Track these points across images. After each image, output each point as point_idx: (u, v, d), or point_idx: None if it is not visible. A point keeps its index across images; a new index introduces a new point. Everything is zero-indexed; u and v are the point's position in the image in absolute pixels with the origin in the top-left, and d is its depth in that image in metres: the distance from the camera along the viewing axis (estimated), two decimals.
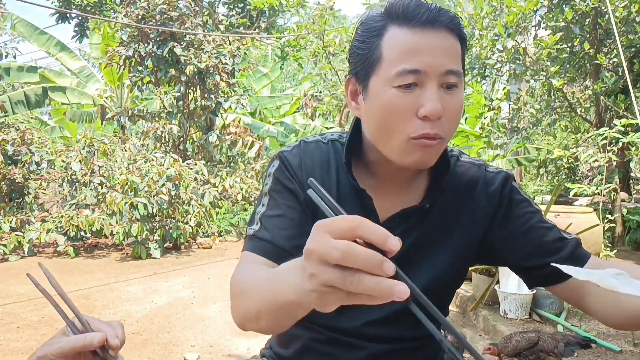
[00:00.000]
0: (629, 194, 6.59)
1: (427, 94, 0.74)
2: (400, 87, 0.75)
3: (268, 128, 11.12)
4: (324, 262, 0.43)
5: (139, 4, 8.19)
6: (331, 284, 0.44)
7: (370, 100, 0.79)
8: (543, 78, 5.78)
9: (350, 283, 0.43)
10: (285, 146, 0.95)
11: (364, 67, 0.80)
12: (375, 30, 0.78)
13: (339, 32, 9.28)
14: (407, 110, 0.75)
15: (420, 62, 0.74)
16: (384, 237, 0.44)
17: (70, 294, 4.27)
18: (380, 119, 0.78)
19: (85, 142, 6.58)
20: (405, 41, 0.75)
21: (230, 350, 3.04)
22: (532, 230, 0.88)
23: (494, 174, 0.92)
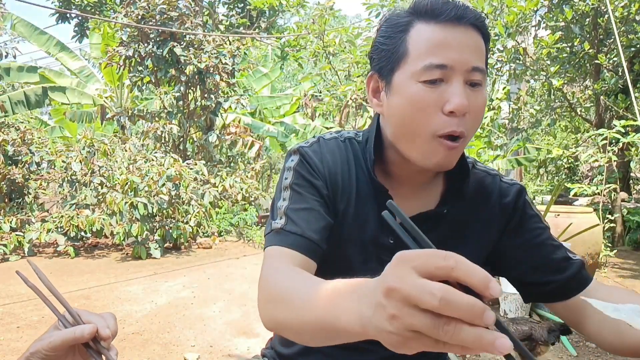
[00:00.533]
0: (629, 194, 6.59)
1: (453, 89, 0.74)
2: (426, 82, 0.75)
3: (268, 128, 11.13)
4: (412, 306, 0.38)
5: (139, 4, 8.19)
6: (419, 329, 0.38)
7: (394, 95, 0.79)
8: (543, 78, 5.78)
9: (445, 333, 0.37)
10: (302, 142, 0.93)
11: (389, 63, 0.79)
12: (401, 26, 0.79)
13: (338, 32, 9.28)
14: (432, 105, 0.75)
15: (448, 57, 0.74)
16: (486, 282, 0.38)
17: (71, 294, 4.27)
18: (404, 115, 0.78)
19: (86, 142, 6.58)
20: (432, 36, 0.75)
21: (230, 350, 3.04)
22: (540, 246, 0.88)
23: (508, 186, 0.92)
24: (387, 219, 0.45)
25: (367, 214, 0.88)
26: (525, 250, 0.89)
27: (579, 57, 5.55)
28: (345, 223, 0.88)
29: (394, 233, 0.45)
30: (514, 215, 0.90)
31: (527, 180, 11.00)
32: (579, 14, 5.22)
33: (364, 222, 0.88)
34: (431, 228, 0.87)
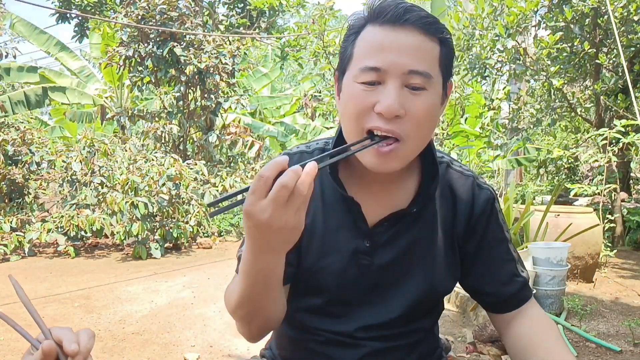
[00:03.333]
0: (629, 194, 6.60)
1: (387, 91, 0.74)
2: (364, 83, 0.76)
3: (268, 128, 11.14)
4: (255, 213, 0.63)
5: (139, 4, 8.19)
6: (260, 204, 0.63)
7: (342, 95, 0.81)
8: (543, 78, 5.78)
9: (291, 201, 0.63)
10: (263, 166, 0.95)
11: (342, 64, 0.82)
12: (355, 29, 0.80)
13: (338, 32, 9.28)
14: (366, 106, 0.76)
15: (382, 60, 0.74)
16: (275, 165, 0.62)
17: (71, 294, 4.27)
18: (344, 113, 0.80)
19: (86, 142, 6.58)
20: (372, 38, 0.76)
21: (230, 351, 3.04)
22: (493, 258, 0.92)
23: (480, 190, 0.93)
24: None
25: (337, 221, 0.88)
26: (479, 258, 0.92)
27: (579, 57, 5.55)
28: (315, 236, 0.88)
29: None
30: (478, 222, 0.92)
31: (527, 180, 11.00)
32: (579, 14, 5.22)
33: (336, 231, 0.88)
34: (406, 227, 0.88)
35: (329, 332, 0.91)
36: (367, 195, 0.88)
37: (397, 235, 0.88)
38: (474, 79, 6.20)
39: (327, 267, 0.88)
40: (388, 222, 0.87)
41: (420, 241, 0.89)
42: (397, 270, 0.88)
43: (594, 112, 6.35)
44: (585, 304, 3.67)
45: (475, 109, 8.86)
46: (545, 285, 3.70)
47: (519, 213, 4.55)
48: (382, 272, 0.88)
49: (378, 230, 0.87)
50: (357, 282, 0.88)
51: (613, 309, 3.73)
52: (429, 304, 0.94)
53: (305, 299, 0.92)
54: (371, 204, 0.88)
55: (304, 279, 0.90)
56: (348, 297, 0.89)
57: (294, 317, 0.94)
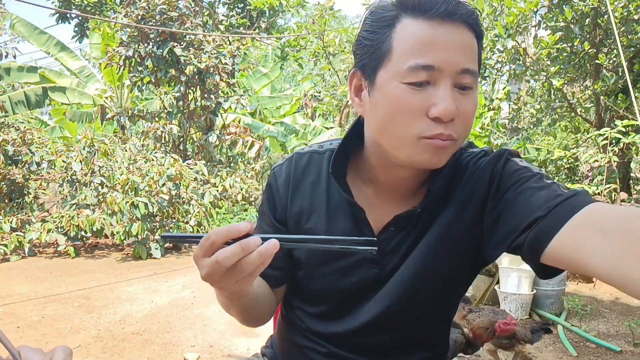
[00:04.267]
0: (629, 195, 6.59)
1: (441, 93, 0.68)
2: (411, 84, 0.68)
3: (268, 128, 11.13)
4: (213, 272, 0.63)
5: (139, 4, 8.19)
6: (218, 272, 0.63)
7: (376, 95, 0.73)
8: (543, 78, 5.78)
9: (238, 271, 0.62)
10: (280, 160, 0.94)
11: (372, 60, 0.73)
12: (386, 20, 0.72)
13: (338, 33, 9.29)
14: (417, 110, 0.69)
15: (435, 58, 0.67)
16: (232, 229, 0.60)
17: (71, 294, 4.27)
18: (386, 117, 0.71)
19: (86, 142, 6.58)
20: (419, 34, 0.68)
21: (230, 350, 3.05)
22: (521, 194, 0.71)
23: (489, 158, 0.80)
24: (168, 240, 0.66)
25: (343, 226, 0.85)
26: (508, 207, 0.72)
27: (579, 57, 5.54)
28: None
29: None
30: (491, 184, 0.76)
31: None
32: (579, 14, 5.22)
33: (341, 235, 0.84)
34: (411, 233, 0.82)
35: (331, 339, 0.89)
36: (375, 199, 0.85)
37: (405, 239, 0.83)
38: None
39: (330, 274, 0.85)
40: (394, 227, 0.83)
41: (429, 246, 0.82)
42: (405, 275, 0.84)
43: (594, 112, 6.35)
44: (585, 304, 3.67)
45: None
46: (545, 286, 3.70)
47: None
48: (390, 278, 0.84)
49: (384, 237, 0.83)
50: (364, 289, 0.85)
51: (613, 309, 3.73)
52: (438, 310, 0.89)
53: (309, 304, 0.91)
54: (378, 211, 0.84)
55: (307, 285, 0.89)
56: (353, 304, 0.87)
57: (297, 319, 0.93)
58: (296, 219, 0.88)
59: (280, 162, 0.93)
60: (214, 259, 0.60)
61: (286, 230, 0.89)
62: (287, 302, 0.97)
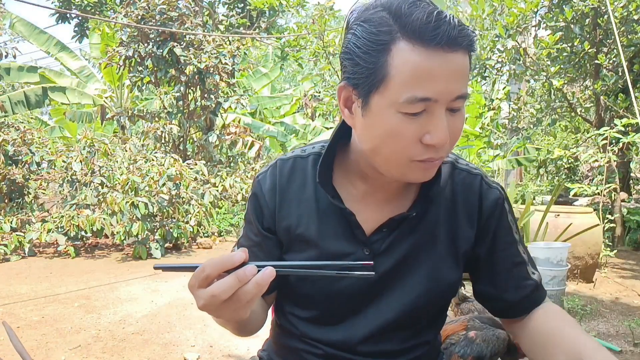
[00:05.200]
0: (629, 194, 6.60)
1: (436, 121, 0.69)
2: (408, 114, 0.69)
3: (268, 128, 11.13)
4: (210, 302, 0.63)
5: (139, 4, 8.19)
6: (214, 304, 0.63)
7: (370, 118, 0.72)
8: (543, 78, 5.78)
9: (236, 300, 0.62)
10: (263, 167, 0.95)
11: (366, 82, 0.71)
12: (382, 43, 0.68)
13: (338, 33, 9.28)
14: (411, 137, 0.70)
15: (433, 90, 0.67)
16: (227, 260, 0.61)
17: (71, 294, 4.27)
18: (379, 140, 0.72)
19: (86, 142, 6.58)
20: (418, 64, 0.67)
21: (230, 351, 3.05)
22: (503, 260, 0.88)
23: (488, 188, 0.88)
24: (164, 270, 0.66)
25: (333, 229, 0.85)
26: (488, 262, 0.88)
27: (579, 57, 5.55)
28: (309, 245, 0.86)
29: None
30: (487, 224, 0.87)
31: (527, 180, 11.01)
32: (579, 14, 5.22)
33: (332, 239, 0.85)
34: (407, 231, 0.85)
35: (328, 344, 0.88)
36: (364, 201, 0.85)
37: (396, 241, 0.84)
38: (474, 79, 6.20)
39: (323, 279, 0.85)
40: (387, 229, 0.84)
41: (420, 247, 0.85)
42: (398, 277, 0.85)
43: (594, 112, 6.35)
44: (585, 304, 3.67)
45: (475, 109, 8.86)
46: (545, 285, 3.67)
47: (519, 213, 4.55)
48: (382, 280, 0.85)
49: (376, 238, 0.84)
50: (356, 291, 0.85)
51: (613, 309, 3.73)
52: (431, 312, 0.90)
53: (302, 309, 0.90)
54: (369, 211, 0.85)
55: (298, 289, 0.88)
56: (346, 307, 0.87)
57: (291, 326, 0.92)
58: (286, 226, 0.87)
59: (264, 169, 0.92)
60: (209, 292, 0.60)
61: (275, 238, 0.89)
62: (279, 308, 0.96)
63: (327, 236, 0.85)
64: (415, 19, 0.66)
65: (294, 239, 0.87)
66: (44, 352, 2.97)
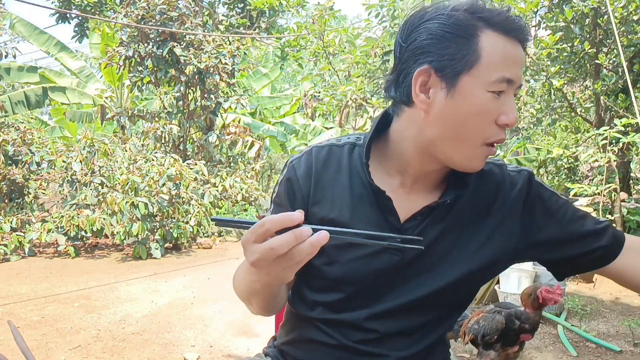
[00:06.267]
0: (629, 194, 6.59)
1: (510, 103, 0.80)
2: (494, 92, 0.78)
3: (268, 128, 11.13)
4: (264, 258, 0.64)
5: (139, 4, 8.19)
6: (265, 259, 0.64)
7: (456, 98, 0.79)
8: (543, 78, 5.78)
9: (289, 258, 0.63)
10: (297, 153, 0.96)
11: (456, 64, 0.78)
12: (470, 29, 0.79)
13: (338, 33, 9.28)
14: (492, 115, 0.79)
15: (514, 73, 0.79)
16: (285, 218, 0.62)
17: (71, 294, 4.27)
18: (462, 119, 0.79)
19: (86, 142, 6.58)
20: (507, 50, 0.79)
21: (230, 351, 3.05)
22: (572, 221, 0.90)
23: (516, 173, 0.93)
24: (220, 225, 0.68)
25: (366, 215, 0.88)
26: (561, 231, 0.90)
27: (579, 57, 5.54)
28: (343, 227, 0.87)
29: None
30: (533, 203, 0.90)
31: None
32: (579, 15, 5.22)
33: (365, 224, 0.87)
34: (439, 218, 0.87)
35: (335, 324, 0.90)
36: (399, 190, 0.89)
37: (427, 227, 0.87)
38: None
39: (353, 261, 0.87)
40: (420, 216, 0.87)
41: (454, 231, 0.88)
42: (424, 264, 0.88)
43: (594, 112, 6.35)
44: (585, 304, 3.67)
45: None
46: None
47: None
48: (411, 265, 0.87)
49: (409, 225, 0.87)
50: (383, 276, 0.88)
51: (613, 309, 3.74)
52: (450, 302, 0.92)
53: (325, 293, 0.91)
54: (403, 199, 0.88)
55: (326, 273, 0.89)
56: (367, 291, 0.89)
57: (310, 312, 0.93)
58: (319, 210, 0.90)
59: (297, 155, 0.95)
60: (268, 245, 0.63)
61: (306, 223, 0.90)
62: (297, 296, 0.97)
63: (360, 221, 0.87)
64: (496, 13, 0.80)
65: (327, 223, 0.88)
66: (44, 352, 2.97)
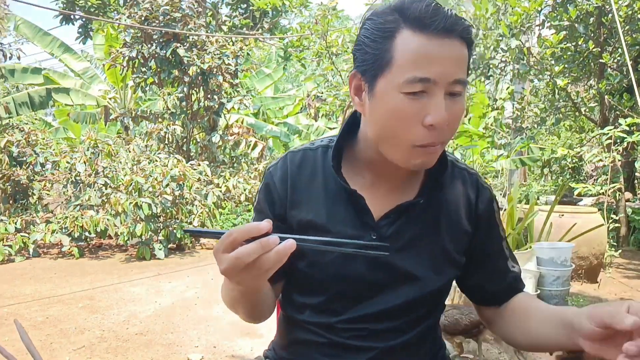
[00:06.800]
0: (633, 194, 6.56)
1: (435, 102, 0.75)
2: (409, 93, 0.75)
3: (271, 128, 11.13)
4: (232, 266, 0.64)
5: (142, 5, 8.21)
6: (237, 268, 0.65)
7: (376, 101, 0.79)
8: (547, 77, 5.76)
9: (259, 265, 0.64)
10: (273, 160, 1.00)
11: (372, 67, 0.78)
12: (387, 31, 0.77)
13: (341, 33, 9.28)
14: (413, 118, 0.76)
15: (432, 71, 0.74)
16: (251, 228, 0.63)
17: (75, 295, 4.28)
18: (385, 123, 0.78)
19: (90, 143, 6.60)
20: (419, 48, 0.74)
21: (234, 351, 3.05)
22: (495, 255, 0.97)
23: (484, 189, 0.97)
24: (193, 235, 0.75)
25: (341, 214, 0.89)
26: (479, 257, 0.96)
27: (583, 56, 5.52)
28: (318, 231, 0.89)
29: None
30: (481, 220, 0.95)
31: (531, 180, 10.97)
32: (583, 13, 5.20)
33: (341, 224, 0.89)
34: (410, 220, 0.89)
35: (327, 328, 0.91)
36: (372, 188, 0.90)
37: (403, 227, 0.89)
38: (477, 78, 6.18)
39: (331, 262, 0.88)
40: (394, 214, 0.88)
41: (426, 232, 0.90)
42: (403, 262, 0.89)
43: (599, 111, 6.32)
44: (589, 304, 3.65)
45: (479, 109, 8.83)
46: (549, 286, 3.69)
47: (523, 213, 4.53)
48: (388, 264, 0.88)
49: (383, 223, 0.88)
50: (362, 276, 0.88)
51: None
52: (434, 297, 0.94)
53: (310, 296, 0.92)
54: (376, 197, 0.89)
55: (308, 275, 0.90)
56: (352, 292, 0.90)
57: (298, 314, 0.94)
58: (297, 213, 0.91)
59: (275, 161, 0.97)
60: (234, 255, 0.64)
61: (286, 226, 0.93)
62: (286, 298, 0.98)
63: (337, 221, 0.89)
64: (415, 9, 0.75)
65: (305, 225, 0.91)
66: (48, 353, 2.98)
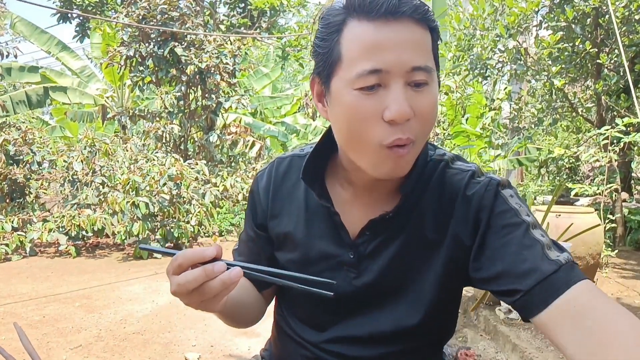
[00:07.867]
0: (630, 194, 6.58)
1: (392, 94, 0.66)
2: (362, 89, 0.66)
3: (269, 128, 11.13)
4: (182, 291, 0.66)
5: (140, 4, 8.20)
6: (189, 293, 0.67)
7: (333, 104, 0.71)
8: (544, 78, 5.77)
9: (202, 293, 0.65)
10: (264, 165, 0.99)
11: (325, 67, 0.71)
12: (334, 26, 0.69)
13: None
14: (372, 115, 0.67)
15: (382, 61, 0.65)
16: (197, 253, 0.64)
17: (72, 294, 4.27)
18: (345, 125, 0.70)
19: (87, 142, 6.59)
20: (364, 37, 0.66)
21: (231, 350, 3.05)
22: (506, 246, 0.71)
23: (479, 183, 0.78)
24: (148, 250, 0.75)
25: (321, 230, 0.84)
26: (493, 252, 0.72)
27: (580, 57, 5.53)
28: (298, 245, 0.86)
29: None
30: (480, 215, 0.75)
31: (528, 180, 11.00)
32: (580, 14, 5.21)
33: (320, 239, 0.84)
34: (390, 238, 0.80)
35: (317, 347, 0.86)
36: (352, 204, 0.83)
37: (383, 245, 0.80)
38: (475, 79, 6.19)
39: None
40: (370, 231, 0.80)
41: (409, 250, 0.79)
42: (387, 282, 0.81)
43: (595, 112, 6.34)
44: None
45: (476, 109, 8.84)
46: None
47: None
48: (370, 284, 0.81)
49: (361, 241, 0.81)
50: (344, 293, 0.82)
51: None
52: (431, 322, 0.82)
53: (296, 308, 0.90)
54: (355, 214, 0.82)
55: (287, 290, 0.89)
56: (334, 309, 0.84)
57: (287, 325, 0.92)
58: (276, 224, 0.88)
59: (264, 167, 0.94)
60: (178, 280, 0.64)
61: (267, 235, 0.91)
62: (278, 308, 0.97)
63: (314, 237, 0.84)
64: None
65: (283, 237, 0.88)
66: (45, 352, 2.98)
